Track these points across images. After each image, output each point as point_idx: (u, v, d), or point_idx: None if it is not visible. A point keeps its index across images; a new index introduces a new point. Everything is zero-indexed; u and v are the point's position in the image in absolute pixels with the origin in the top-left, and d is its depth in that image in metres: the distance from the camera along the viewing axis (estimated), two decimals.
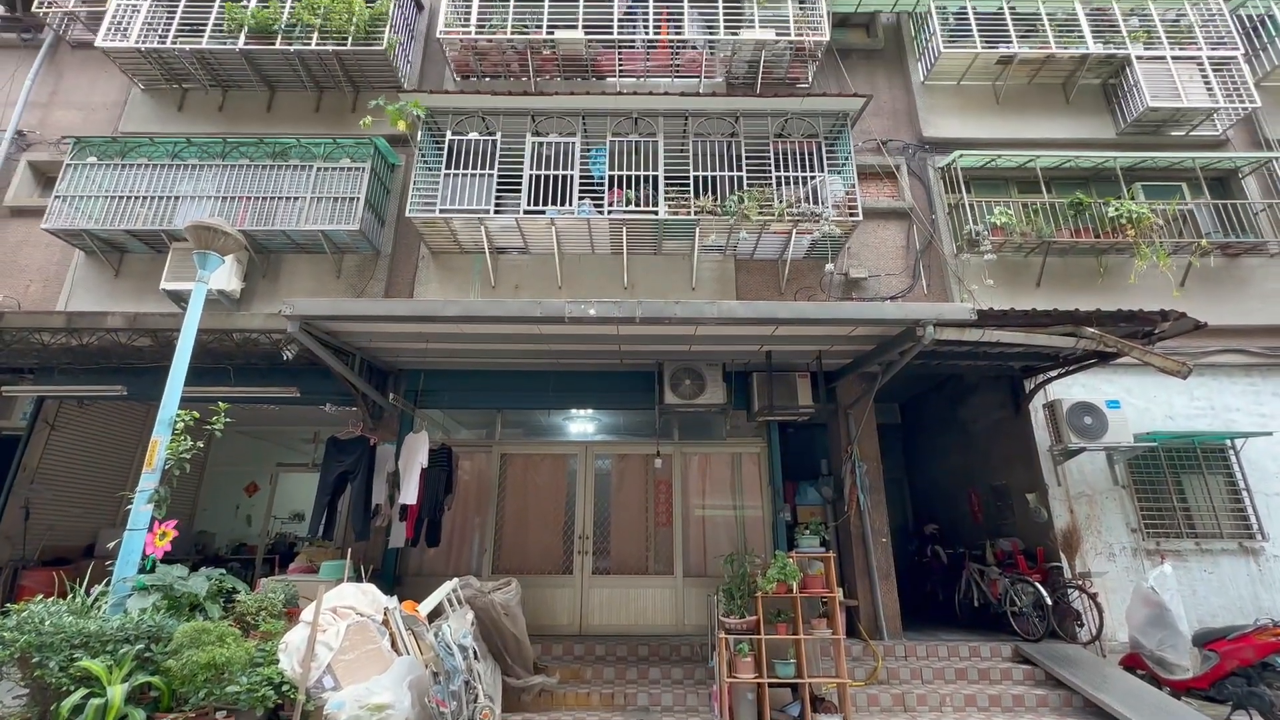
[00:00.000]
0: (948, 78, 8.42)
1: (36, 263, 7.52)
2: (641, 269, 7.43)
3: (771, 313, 5.05)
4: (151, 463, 4.21)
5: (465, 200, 6.86)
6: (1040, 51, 7.96)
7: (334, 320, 5.17)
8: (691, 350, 6.19)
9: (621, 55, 8.05)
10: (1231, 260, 7.52)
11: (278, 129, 7.98)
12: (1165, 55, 7.92)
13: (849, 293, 7.38)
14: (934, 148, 8.13)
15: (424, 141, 7.28)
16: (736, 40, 7.77)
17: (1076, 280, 7.41)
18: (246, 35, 7.68)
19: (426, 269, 7.48)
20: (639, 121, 7.31)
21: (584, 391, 7.10)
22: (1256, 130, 8.20)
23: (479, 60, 8.14)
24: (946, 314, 5.00)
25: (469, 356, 6.58)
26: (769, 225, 6.82)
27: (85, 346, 5.94)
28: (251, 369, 6.46)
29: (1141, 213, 7.04)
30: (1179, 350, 6.49)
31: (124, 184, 7.17)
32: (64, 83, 8.67)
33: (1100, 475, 6.79)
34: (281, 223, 6.98)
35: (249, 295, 7.20)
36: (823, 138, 7.27)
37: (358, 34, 7.72)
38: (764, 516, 7.14)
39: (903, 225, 7.78)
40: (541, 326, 5.15)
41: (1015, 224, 7.15)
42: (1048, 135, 8.12)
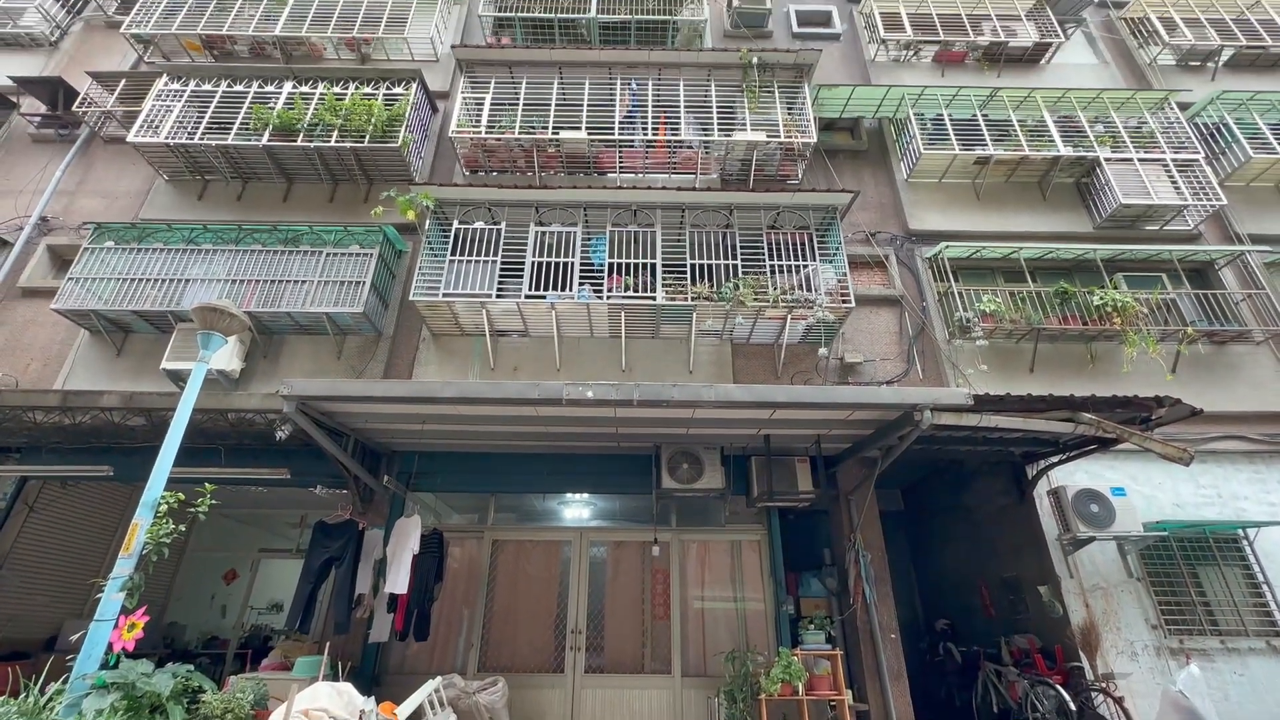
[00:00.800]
0: (929, 176, 8.93)
1: (40, 341, 7.60)
2: (639, 352, 7.52)
3: (768, 396, 5.06)
4: (129, 547, 4.05)
5: (468, 285, 7.05)
6: (1014, 153, 8.49)
7: (331, 401, 5.16)
8: (689, 433, 6.15)
9: (622, 153, 8.56)
10: (1219, 348, 7.65)
11: (292, 217, 8.34)
12: (1132, 158, 8.45)
13: (845, 377, 7.44)
14: (920, 239, 8.49)
15: (431, 229, 7.59)
16: (730, 141, 8.30)
17: (1069, 366, 7.50)
18: (270, 133, 8.19)
19: (427, 351, 7.56)
20: (638, 213, 7.66)
21: (580, 475, 6.97)
22: (1226, 225, 8.61)
23: (487, 156, 8.64)
24: (943, 398, 5.01)
25: (465, 438, 6.51)
26: (764, 311, 6.98)
27: (77, 425, 5.89)
28: (243, 449, 6.37)
29: (1126, 301, 7.25)
30: (1179, 436, 6.46)
31: (138, 267, 7.39)
32: (92, 173, 9.14)
33: (1113, 566, 6.55)
34: (288, 304, 7.13)
35: (248, 375, 7.23)
36: (814, 229, 7.61)
37: (375, 133, 8.23)
38: (766, 609, 6.80)
39: (895, 312, 7.97)
40: (539, 408, 5.14)
41: (1004, 311, 7.34)
42: (1028, 229, 8.51)
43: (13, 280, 8.05)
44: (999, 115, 9.01)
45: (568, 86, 8.92)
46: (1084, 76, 10.29)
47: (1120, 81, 10.29)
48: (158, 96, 8.63)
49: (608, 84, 8.92)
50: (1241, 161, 8.67)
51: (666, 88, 8.91)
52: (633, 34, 10.19)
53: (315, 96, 8.58)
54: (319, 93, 8.63)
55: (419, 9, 10.45)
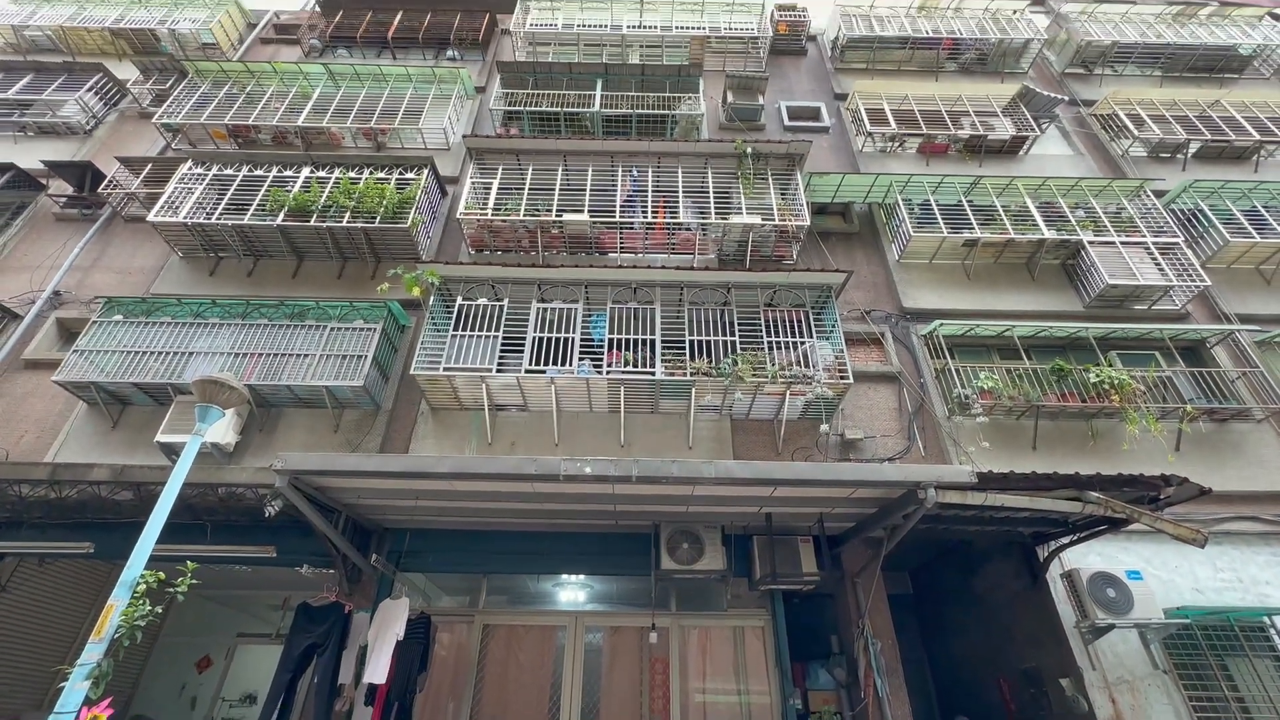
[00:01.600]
0: (919, 257, 9.23)
1: (37, 413, 7.57)
2: (638, 428, 7.48)
3: (769, 473, 4.98)
4: (101, 631, 3.85)
5: (469, 359, 7.12)
6: (1000, 236, 8.82)
7: (325, 475, 5.07)
8: (689, 511, 6.01)
9: (622, 235, 8.89)
10: (1220, 425, 7.62)
11: (300, 292, 8.53)
12: (1114, 241, 8.77)
13: (846, 453, 7.36)
14: (914, 317, 8.65)
15: (435, 305, 7.75)
16: (726, 224, 8.64)
17: (1072, 443, 7.44)
18: (285, 214, 8.53)
19: (425, 425, 7.52)
20: (637, 291, 7.85)
21: (576, 555, 6.74)
22: (1213, 305, 8.81)
23: (493, 237, 8.96)
24: (946, 476, 4.93)
25: (459, 515, 6.35)
26: (763, 387, 7.01)
27: (63, 500, 5.76)
28: (230, 526, 6.19)
29: (1123, 379, 7.29)
30: (1190, 517, 6.30)
31: (143, 340, 7.48)
32: (110, 250, 9.44)
33: (1137, 657, 6.21)
34: (289, 378, 7.17)
35: (243, 448, 7.15)
36: (809, 307, 7.77)
37: (386, 214, 8.58)
38: (772, 703, 6.38)
39: (893, 388, 8.00)
40: (536, 485, 5.05)
41: (1002, 388, 7.37)
42: (1019, 307, 8.69)
43: (18, 352, 8.12)
44: (983, 201, 9.44)
45: (572, 173, 9.39)
46: (1061, 166, 10.86)
47: (1095, 171, 10.85)
48: (180, 179, 9.05)
49: (610, 171, 9.39)
50: (1220, 245, 8.99)
51: (665, 174, 9.37)
52: (634, 126, 10.85)
53: (331, 181, 9.00)
54: (335, 177, 9.07)
55: (434, 103, 11.19)
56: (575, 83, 11.30)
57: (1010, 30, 13.08)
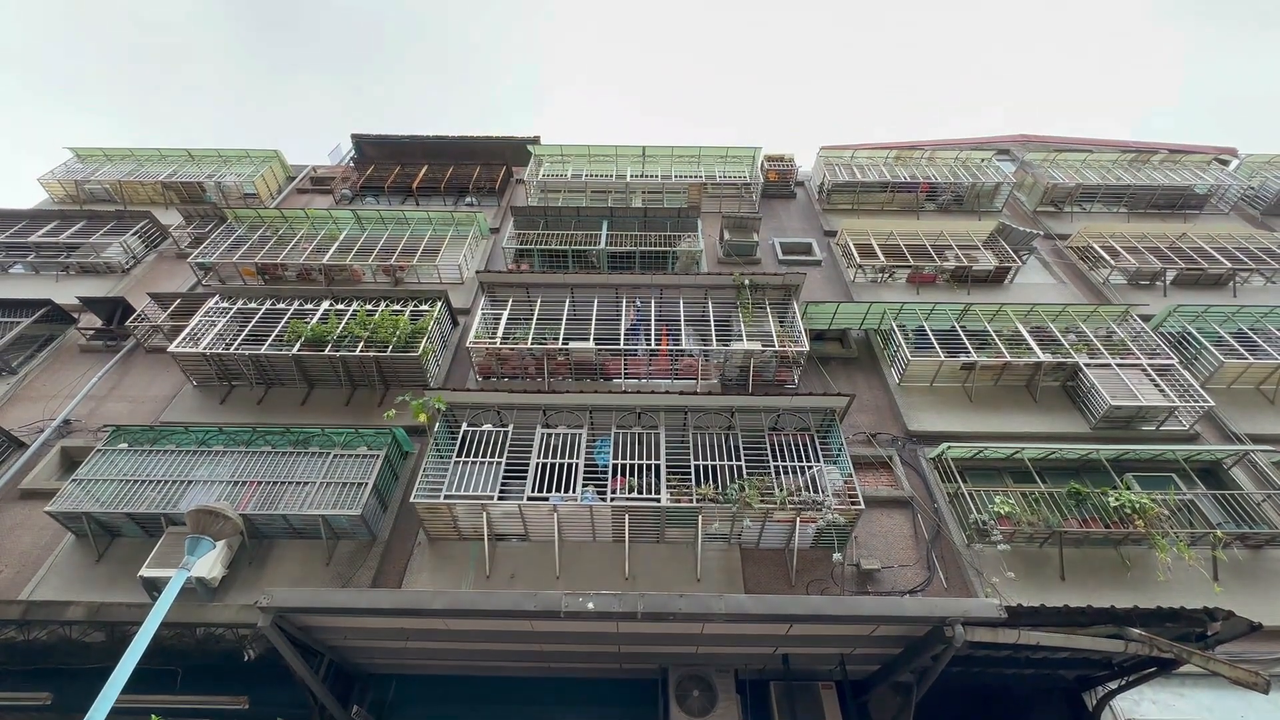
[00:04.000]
0: (920, 380, 9.36)
1: (21, 546, 7.31)
2: (643, 559, 7.15)
3: (783, 608, 4.68)
4: None
5: (471, 486, 7.00)
6: (997, 360, 9.00)
7: (312, 614, 4.79)
8: (699, 652, 5.56)
9: (627, 361, 9.12)
10: (1255, 552, 7.24)
11: (308, 419, 8.60)
12: (1110, 363, 8.93)
13: (863, 585, 6.95)
14: (921, 440, 8.58)
15: (440, 432, 7.76)
16: (728, 350, 8.89)
17: (1103, 572, 7.03)
18: (301, 344, 8.84)
19: (420, 557, 7.21)
20: (642, 415, 7.89)
21: (577, 705, 6.12)
22: (1221, 425, 8.75)
23: (500, 364, 9.20)
24: (973, 610, 4.62)
25: (452, 658, 5.88)
26: (772, 514, 6.79)
27: (30, 642, 5.40)
28: (202, 671, 5.73)
29: (1144, 503, 7.05)
30: (1243, 657, 5.79)
31: (143, 469, 7.43)
32: (127, 379, 9.67)
33: None
34: (285, 506, 7.00)
35: (228, 583, 6.80)
36: (814, 431, 7.75)
37: (398, 344, 8.88)
38: None
39: (907, 514, 7.73)
40: (535, 622, 4.74)
41: (1020, 513, 7.11)
42: (1025, 429, 8.64)
43: (16, 482, 8.02)
44: (976, 326, 9.75)
45: (578, 304, 9.84)
46: (1045, 293, 11.35)
47: (1079, 297, 11.32)
48: (206, 313, 9.51)
49: (614, 302, 9.84)
50: (1215, 366, 9.13)
51: (668, 305, 9.81)
52: (637, 261, 11.56)
53: (349, 313, 9.44)
54: (352, 309, 9.52)
55: (451, 243, 12.04)
56: (582, 224, 12.21)
57: (980, 175, 14.32)
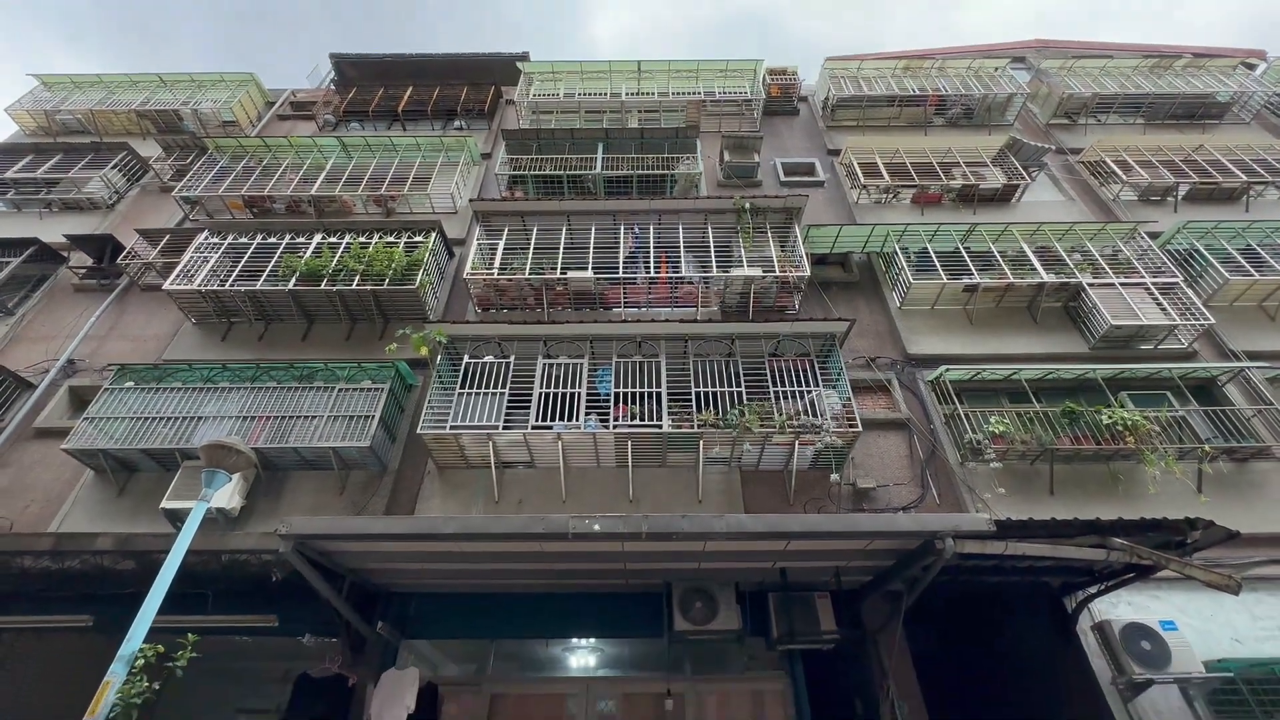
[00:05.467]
0: (921, 304, 9.31)
1: (44, 482, 7.55)
2: (646, 482, 7.39)
3: (782, 526, 4.88)
4: (95, 710, 3.72)
5: (476, 417, 7.12)
6: (999, 281, 8.91)
7: (329, 539, 5.00)
8: (701, 568, 5.85)
9: (626, 290, 9.04)
10: (1241, 465, 7.46)
11: (310, 355, 8.64)
12: (1114, 282, 8.84)
13: (859, 503, 7.22)
14: (920, 363, 8.65)
15: (442, 364, 7.81)
16: (728, 276, 8.79)
17: (1091, 487, 7.28)
18: (297, 279, 8.75)
19: (431, 485, 7.45)
20: (642, 344, 7.91)
21: (586, 617, 6.53)
22: (1220, 343, 8.78)
23: (499, 295, 9.13)
24: (964, 525, 4.82)
25: (466, 578, 6.20)
26: (771, 438, 6.95)
27: (65, 571, 5.67)
28: (232, 593, 6.06)
29: (1136, 420, 7.20)
30: (1220, 562, 6.09)
31: (153, 406, 7.54)
32: (125, 318, 9.64)
33: (1180, 715, 5.86)
34: (296, 440, 7.17)
35: (248, 513, 7.08)
36: (814, 356, 7.79)
37: (395, 277, 8.78)
38: None
39: (903, 435, 7.91)
40: (544, 544, 4.96)
41: (1014, 432, 7.28)
42: (1024, 350, 8.68)
43: (29, 421, 8.18)
44: (980, 248, 9.59)
45: (575, 232, 9.64)
46: (1053, 212, 11.08)
47: (1088, 215, 11.06)
48: (196, 249, 9.35)
49: (612, 229, 9.64)
50: (1220, 284, 9.04)
51: (667, 230, 9.61)
52: (635, 186, 11.21)
53: (342, 246, 9.27)
54: (345, 242, 9.34)
55: (442, 170, 11.64)
56: (577, 147, 11.76)
57: (993, 86, 13.63)
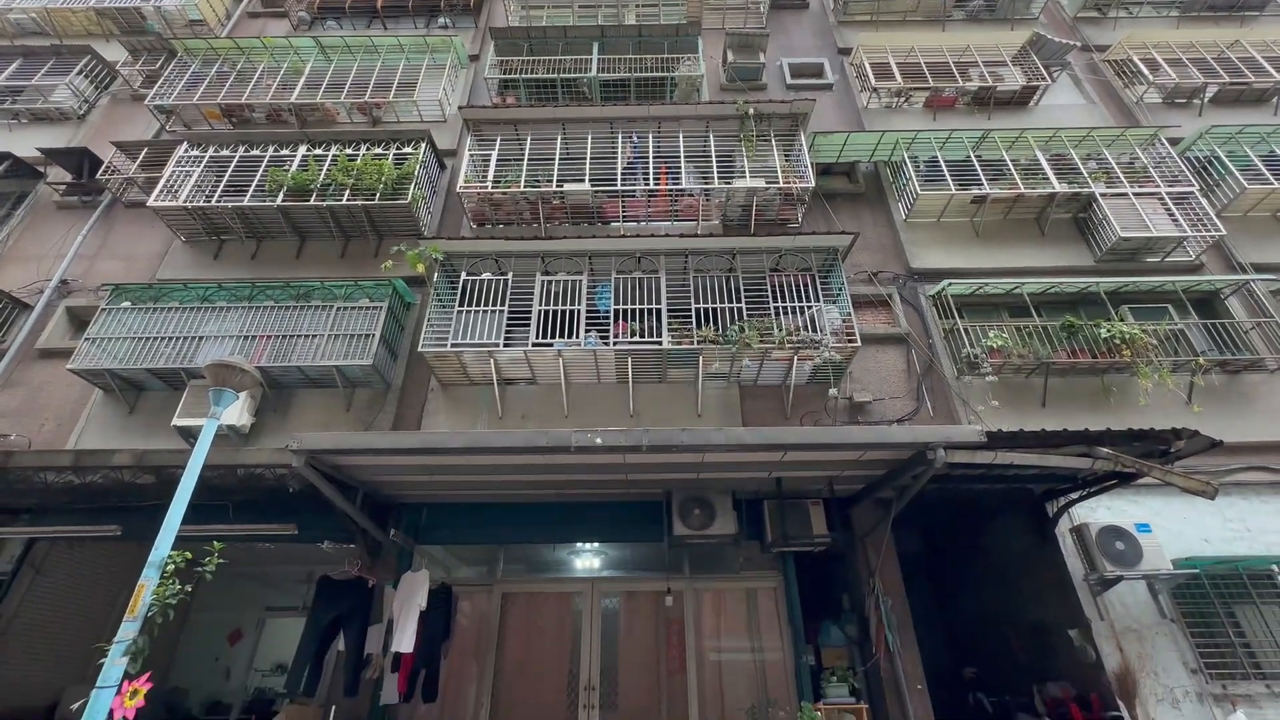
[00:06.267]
0: (927, 216, 9.08)
1: (55, 402, 7.69)
2: (647, 397, 7.52)
3: (778, 438, 5.02)
4: (134, 610, 3.99)
5: (476, 335, 7.14)
6: (1010, 192, 8.64)
7: (340, 454, 5.16)
8: (700, 478, 6.08)
9: (625, 203, 8.77)
10: (1233, 377, 7.57)
11: (304, 273, 8.53)
12: (1127, 192, 8.57)
13: (854, 416, 7.39)
14: (922, 277, 8.56)
15: (439, 281, 7.73)
16: (730, 188, 8.50)
17: (1083, 400, 7.42)
18: (285, 194, 8.47)
19: (435, 401, 7.59)
20: (642, 260, 7.79)
21: (590, 523, 6.87)
22: (1228, 255, 8.65)
23: (494, 210, 8.88)
24: (955, 436, 4.96)
25: (474, 489, 6.46)
26: (770, 353, 7.00)
27: (87, 485, 5.89)
28: (251, 505, 6.32)
29: (1134, 334, 7.22)
30: (1200, 469, 6.31)
31: (152, 326, 7.54)
32: (112, 237, 9.44)
33: (1145, 608, 6.31)
34: (298, 359, 7.22)
35: (258, 430, 7.26)
36: (816, 271, 7.69)
37: (385, 191, 8.50)
38: (785, 660, 6.56)
39: (901, 350, 7.97)
40: (548, 456, 5.12)
41: (1012, 346, 7.32)
42: (1029, 264, 8.57)
43: (31, 342, 8.21)
44: (992, 156, 9.22)
45: (571, 141, 9.23)
46: (1073, 116, 10.55)
47: (1108, 120, 10.54)
48: (178, 162, 8.98)
49: (609, 138, 9.22)
50: (1237, 193, 8.77)
51: (666, 139, 9.19)
52: (632, 90, 10.59)
53: (328, 158, 8.91)
54: (332, 154, 8.97)
55: (428, 74, 10.94)
56: (571, 47, 11.01)
57: None
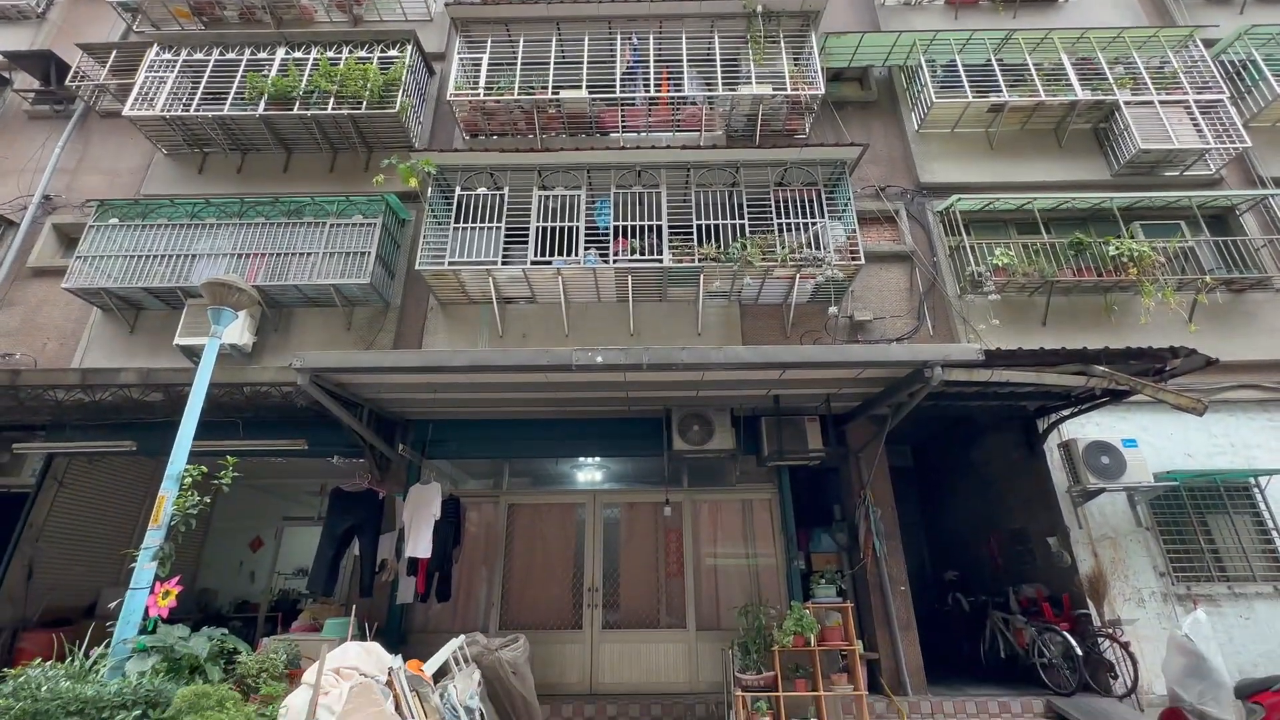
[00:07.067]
0: (941, 126, 8.67)
1: (55, 321, 7.69)
2: (647, 316, 7.50)
3: (777, 357, 5.06)
4: (158, 519, 4.18)
5: (473, 252, 7.02)
6: (1030, 99, 8.20)
7: (343, 372, 5.21)
8: (699, 396, 6.18)
9: (624, 112, 8.35)
10: (1237, 296, 7.52)
11: (293, 188, 8.26)
12: (1153, 100, 8.14)
13: (854, 335, 7.41)
14: (932, 192, 8.30)
15: (434, 197, 7.51)
16: (735, 96, 8.07)
17: (1084, 319, 7.41)
18: (266, 102, 8.05)
19: (435, 320, 7.58)
20: (642, 174, 7.52)
21: (592, 439, 7.05)
22: (1250, 169, 8.34)
23: (487, 120, 8.46)
24: (954, 354, 4.99)
25: (477, 406, 6.58)
26: (772, 271, 6.91)
27: (98, 403, 6.00)
28: (261, 422, 6.48)
29: (1143, 251, 7.10)
30: (1192, 386, 6.41)
31: (143, 244, 7.39)
32: (91, 149, 9.06)
33: (1122, 517, 6.61)
34: (294, 277, 7.14)
35: (261, 349, 7.30)
36: (822, 185, 7.45)
37: (372, 99, 8.07)
38: (778, 565, 6.95)
39: (905, 268, 7.86)
40: (549, 375, 5.18)
41: (1017, 264, 7.21)
42: (1043, 178, 8.28)
43: (22, 260, 8.09)
44: (1014, 59, 8.68)
45: (566, 44, 8.66)
46: (1104, 13, 9.83)
47: (1142, 18, 9.84)
48: (150, 68, 8.46)
49: (607, 39, 8.64)
50: (1268, 100, 8.34)
51: (668, 41, 8.61)
52: None
53: (309, 63, 8.38)
54: (312, 58, 8.43)
55: None
56: None
57: None
